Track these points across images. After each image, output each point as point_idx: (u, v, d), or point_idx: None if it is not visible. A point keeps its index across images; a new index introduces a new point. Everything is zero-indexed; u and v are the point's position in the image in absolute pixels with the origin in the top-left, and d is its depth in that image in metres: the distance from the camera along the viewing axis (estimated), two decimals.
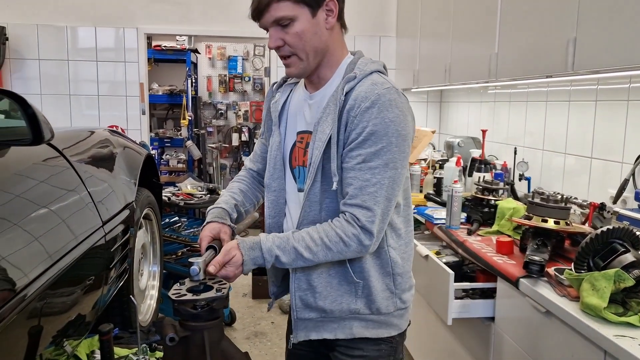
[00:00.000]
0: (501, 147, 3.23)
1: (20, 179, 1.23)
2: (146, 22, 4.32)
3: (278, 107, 1.37)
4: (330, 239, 1.19)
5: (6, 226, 1.06)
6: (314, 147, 1.23)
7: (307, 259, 1.20)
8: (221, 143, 6.48)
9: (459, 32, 3.07)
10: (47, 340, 1.26)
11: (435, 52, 3.49)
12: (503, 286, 1.86)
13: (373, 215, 1.17)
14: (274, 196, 1.37)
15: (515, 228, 2.19)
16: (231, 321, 3.64)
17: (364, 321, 1.31)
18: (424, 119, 4.60)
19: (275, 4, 1.17)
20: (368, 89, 1.18)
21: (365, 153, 1.17)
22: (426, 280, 2.23)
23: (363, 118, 1.16)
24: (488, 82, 2.78)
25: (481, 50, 2.68)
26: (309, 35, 1.20)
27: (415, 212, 2.80)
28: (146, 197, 2.28)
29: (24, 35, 4.18)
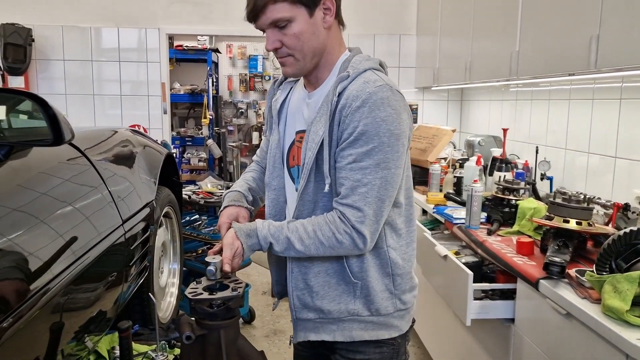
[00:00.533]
0: (523, 146, 3.19)
1: (44, 178, 1.26)
2: (168, 22, 4.37)
3: (277, 105, 1.37)
4: (324, 234, 1.19)
5: (30, 224, 1.09)
6: (307, 147, 1.22)
7: (299, 251, 1.20)
8: (241, 142, 6.52)
9: (479, 29, 3.03)
10: (69, 336, 1.28)
11: (455, 50, 3.46)
12: (523, 287, 1.83)
13: (363, 216, 1.16)
14: (274, 195, 1.37)
15: (536, 228, 2.16)
16: (250, 319, 3.67)
17: (363, 323, 1.29)
18: (444, 117, 4.56)
19: (271, 6, 1.14)
20: (359, 87, 1.16)
21: (356, 153, 1.15)
22: (445, 281, 2.21)
23: (354, 117, 1.15)
24: (509, 81, 2.74)
25: (502, 47, 2.64)
26: (307, 36, 1.18)
27: (434, 211, 2.78)
28: (166, 196, 2.31)
29: (49, 37, 4.27)
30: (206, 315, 1.12)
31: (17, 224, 1.06)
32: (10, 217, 1.05)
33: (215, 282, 1.17)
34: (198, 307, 1.12)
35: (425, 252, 2.44)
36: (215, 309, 1.12)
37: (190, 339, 1.10)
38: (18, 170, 1.16)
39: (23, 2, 4.21)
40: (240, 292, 1.12)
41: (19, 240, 1.04)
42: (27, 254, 1.05)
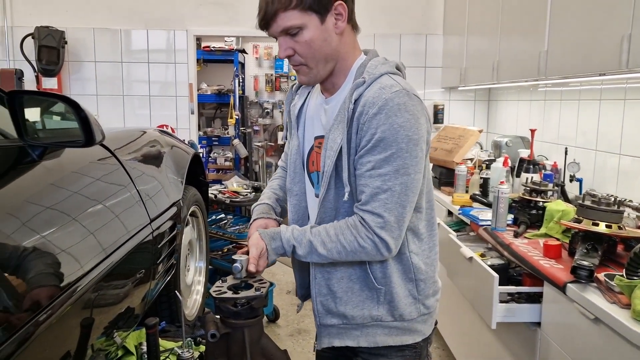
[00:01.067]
0: (551, 147, 3.14)
1: (75, 178, 1.30)
2: (195, 24, 4.43)
3: (296, 111, 1.36)
4: (346, 238, 1.18)
5: (62, 222, 1.12)
6: (325, 155, 1.22)
7: (322, 254, 1.20)
8: (267, 141, 6.57)
9: (507, 28, 3.00)
10: (98, 331, 1.32)
11: (482, 49, 3.42)
12: (550, 291, 1.81)
13: (384, 222, 1.16)
14: (296, 200, 1.37)
15: (564, 231, 2.12)
16: (275, 318, 3.69)
17: (386, 328, 1.29)
18: (470, 117, 4.52)
19: (282, 14, 1.14)
20: (376, 93, 1.15)
21: (375, 160, 1.14)
22: (470, 283, 2.19)
23: (371, 124, 1.14)
24: (537, 80, 2.70)
25: (530, 47, 2.61)
26: (319, 43, 1.17)
27: (460, 212, 2.76)
28: (193, 195, 2.34)
29: (81, 39, 4.38)
30: (230, 314, 1.14)
31: (50, 222, 1.10)
32: (43, 215, 1.09)
33: (240, 281, 1.19)
34: (222, 306, 1.14)
35: (451, 253, 2.43)
36: (239, 308, 1.13)
37: (215, 337, 1.12)
38: (51, 170, 1.20)
39: (57, 5, 4.33)
40: (264, 292, 1.14)
41: (52, 238, 1.08)
42: (59, 251, 1.08)
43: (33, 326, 0.93)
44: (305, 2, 1.12)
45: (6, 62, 4.33)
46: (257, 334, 1.17)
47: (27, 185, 1.10)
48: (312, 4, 1.12)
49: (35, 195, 1.10)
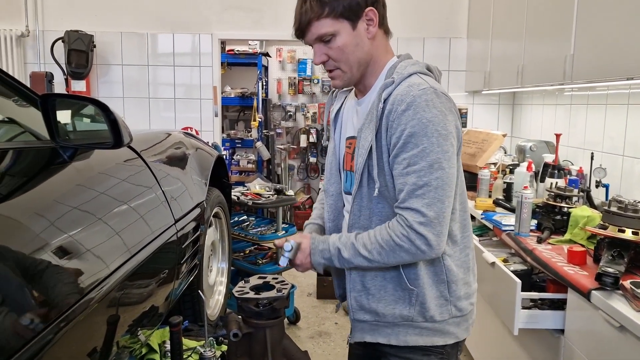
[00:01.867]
0: (577, 152, 3.09)
1: (103, 178, 1.33)
2: (220, 28, 4.49)
3: (333, 114, 1.42)
4: (383, 238, 1.20)
5: (90, 221, 1.16)
6: (358, 153, 1.25)
7: (364, 257, 1.22)
8: (289, 144, 6.60)
9: (532, 32, 2.96)
10: (123, 329, 1.35)
11: (507, 53, 3.39)
12: (574, 298, 1.78)
13: (422, 217, 1.16)
14: (332, 200, 1.42)
15: (590, 237, 2.09)
16: (296, 320, 3.71)
17: (417, 328, 1.30)
18: (494, 121, 4.47)
19: (315, 22, 1.19)
20: (404, 91, 1.18)
21: (409, 156, 1.17)
22: (492, 288, 2.17)
23: (401, 121, 1.17)
24: (563, 85, 2.67)
25: (556, 50, 2.58)
26: (351, 48, 1.21)
27: (482, 217, 2.73)
28: (216, 197, 2.37)
29: (109, 42, 4.47)
30: (252, 314, 1.15)
31: (79, 222, 1.13)
32: (73, 214, 1.12)
33: (263, 282, 1.21)
34: (245, 306, 1.16)
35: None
36: (261, 308, 1.15)
37: (237, 337, 1.14)
38: (81, 170, 1.24)
39: (86, 10, 4.43)
40: (285, 293, 1.15)
41: (80, 237, 1.11)
42: (87, 250, 1.12)
43: (62, 323, 0.96)
44: (336, 10, 1.17)
45: (37, 65, 4.45)
46: (279, 335, 1.18)
47: (58, 186, 1.13)
48: (343, 12, 1.17)
49: (65, 195, 1.14)
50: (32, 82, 4.17)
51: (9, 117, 1.22)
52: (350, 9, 1.18)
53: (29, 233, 0.97)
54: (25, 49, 4.46)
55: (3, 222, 0.93)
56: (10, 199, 1.01)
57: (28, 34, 4.40)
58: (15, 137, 1.22)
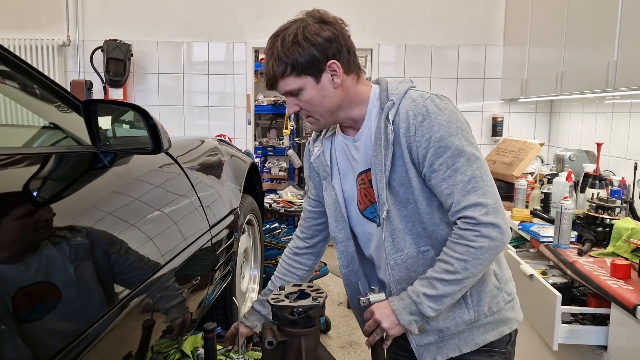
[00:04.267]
0: (619, 162, 2.99)
1: (142, 184, 1.35)
2: (254, 36, 4.54)
3: (327, 161, 1.40)
4: (459, 251, 1.18)
5: (127, 226, 1.17)
6: (376, 179, 1.25)
7: (454, 280, 1.18)
8: None
9: (573, 38, 2.89)
10: (157, 334, 1.35)
11: (545, 60, 3.32)
12: (618, 313, 1.71)
13: (484, 207, 1.16)
14: (342, 247, 1.41)
15: (634, 250, 2.01)
16: (326, 329, 3.68)
17: (482, 327, 1.30)
18: (531, 130, 4.38)
19: (281, 80, 1.23)
20: (411, 106, 1.21)
21: (445, 160, 1.19)
22: (531, 301, 2.11)
23: (424, 132, 1.19)
24: (605, 92, 2.59)
25: (598, 57, 2.50)
26: (319, 100, 1.24)
27: (519, 228, 2.66)
28: (250, 204, 2.38)
29: (146, 51, 4.57)
30: (287, 322, 1.14)
31: (116, 227, 1.14)
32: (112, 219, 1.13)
33: (298, 290, 1.19)
34: (280, 314, 1.14)
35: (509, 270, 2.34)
36: (296, 316, 1.14)
37: (272, 344, 1.13)
38: (120, 175, 1.25)
39: (124, 19, 4.55)
40: (321, 302, 1.14)
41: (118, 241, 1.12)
42: (124, 255, 1.13)
43: (98, 328, 0.97)
44: (297, 68, 1.20)
45: (77, 73, 4.58)
46: (314, 344, 1.17)
47: (99, 190, 1.15)
48: (304, 69, 1.21)
49: (105, 200, 1.15)
50: (72, 90, 4.30)
51: (52, 123, 1.25)
52: (311, 65, 1.21)
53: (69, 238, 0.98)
54: (66, 57, 4.60)
55: (43, 227, 0.94)
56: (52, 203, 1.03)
57: (69, 43, 4.54)
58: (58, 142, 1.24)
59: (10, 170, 0.99)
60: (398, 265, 1.29)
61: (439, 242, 1.26)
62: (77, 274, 0.94)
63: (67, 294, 0.91)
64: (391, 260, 1.28)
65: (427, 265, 1.26)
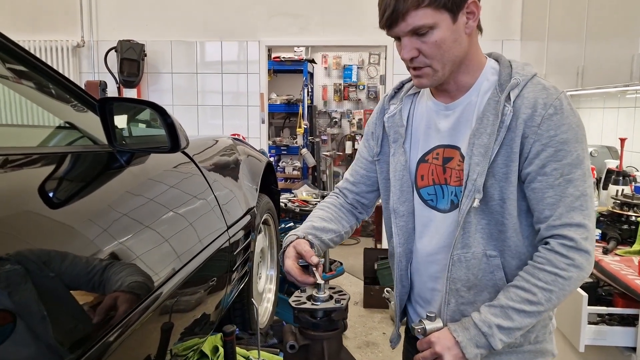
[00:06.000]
0: None
1: (158, 184, 1.32)
2: (267, 34, 4.51)
3: (403, 122, 1.23)
4: (545, 279, 1.04)
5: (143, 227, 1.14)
6: (471, 162, 1.09)
7: (532, 313, 1.05)
8: (335, 151, 6.57)
9: (594, 31, 2.82)
10: (175, 337, 1.33)
11: (565, 54, 3.25)
12: None
13: (586, 231, 1.04)
14: (402, 221, 1.23)
15: None
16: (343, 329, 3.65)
17: (520, 354, 1.18)
18: None
19: (413, 12, 1.03)
20: (543, 94, 1.06)
21: (561, 166, 1.05)
22: None
23: (549, 127, 1.04)
24: (628, 86, 2.52)
25: (620, 50, 2.43)
26: (449, 44, 1.06)
27: None
28: (266, 203, 2.35)
29: (159, 51, 4.57)
30: (309, 325, 1.11)
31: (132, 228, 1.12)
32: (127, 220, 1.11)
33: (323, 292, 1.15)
34: (302, 316, 1.11)
35: None
36: (318, 319, 1.10)
37: (294, 349, 1.10)
38: (137, 175, 1.23)
39: (138, 20, 4.54)
40: (344, 305, 1.10)
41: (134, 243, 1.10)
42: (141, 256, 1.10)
43: (116, 331, 0.94)
44: (439, 0, 1.03)
45: (92, 74, 4.59)
46: (337, 347, 1.13)
47: (115, 191, 1.13)
48: (446, 2, 1.03)
49: (121, 200, 1.13)
50: (87, 90, 4.30)
51: (68, 122, 1.23)
52: None
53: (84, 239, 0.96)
54: (81, 58, 4.61)
55: (59, 228, 0.92)
56: (68, 203, 1.00)
57: (83, 44, 4.55)
58: (74, 142, 1.22)
59: (25, 171, 0.97)
60: (460, 263, 1.13)
61: (509, 252, 1.12)
62: (92, 277, 0.92)
63: (82, 298, 0.89)
64: (455, 255, 1.13)
65: (487, 272, 1.12)
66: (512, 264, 1.13)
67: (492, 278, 1.13)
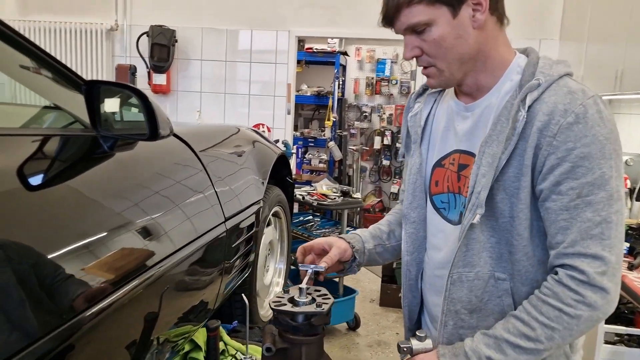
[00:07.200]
0: None
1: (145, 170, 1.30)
2: (298, 25, 4.46)
3: (421, 122, 1.15)
4: (548, 315, 0.92)
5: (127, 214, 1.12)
6: (479, 172, 0.98)
7: (529, 350, 0.93)
8: (362, 145, 6.48)
9: (635, 34, 2.66)
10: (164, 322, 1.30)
11: (604, 56, 3.08)
12: None
13: (604, 264, 0.90)
14: (412, 228, 1.16)
15: None
16: (355, 326, 3.59)
17: None
18: None
19: (406, 10, 0.96)
20: (564, 99, 0.92)
21: (579, 185, 0.91)
22: None
23: (568, 137, 0.90)
24: None
25: None
26: (451, 41, 0.97)
27: None
28: (276, 195, 2.31)
29: (190, 38, 4.58)
30: (288, 327, 1.06)
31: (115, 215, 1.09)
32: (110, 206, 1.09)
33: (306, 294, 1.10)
34: (281, 318, 1.06)
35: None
36: (297, 322, 1.05)
37: (270, 351, 1.04)
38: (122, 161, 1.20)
39: (170, 6, 4.56)
40: (325, 309, 1.04)
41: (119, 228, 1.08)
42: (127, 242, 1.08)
43: (100, 312, 0.93)
44: None
45: (124, 58, 4.64)
46: (317, 353, 1.08)
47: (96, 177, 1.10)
48: None
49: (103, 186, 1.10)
50: (117, 74, 4.36)
51: (54, 104, 1.22)
52: None
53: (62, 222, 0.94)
54: (114, 42, 4.66)
55: (43, 212, 0.91)
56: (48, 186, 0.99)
57: (117, 28, 4.60)
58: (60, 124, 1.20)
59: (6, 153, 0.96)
60: (461, 282, 1.03)
61: (519, 276, 1.00)
62: (73, 259, 0.90)
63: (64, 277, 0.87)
64: (455, 273, 1.03)
65: (494, 296, 1.01)
66: (522, 291, 1.00)
67: (499, 303, 1.01)
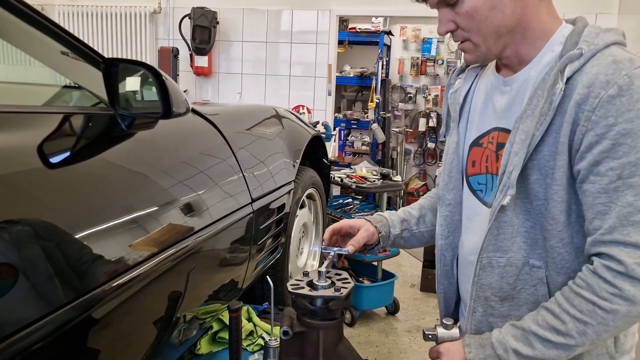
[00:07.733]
0: None
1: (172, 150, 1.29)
2: (339, 4, 4.38)
3: (459, 99, 1.08)
4: (581, 309, 0.85)
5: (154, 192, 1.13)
6: (511, 150, 0.91)
7: (559, 345, 0.86)
8: (406, 127, 6.35)
9: None
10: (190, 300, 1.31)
11: None
12: None
13: None
14: (447, 211, 1.09)
15: None
16: (394, 310, 3.55)
17: None
18: None
19: None
20: (607, 69, 0.83)
21: (620, 165, 0.82)
22: None
23: (608, 112, 0.82)
24: None
25: None
26: (484, 13, 0.90)
27: None
28: (310, 177, 2.28)
29: (231, 19, 4.58)
30: (306, 311, 1.03)
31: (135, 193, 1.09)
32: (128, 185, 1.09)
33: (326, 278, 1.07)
34: (299, 302, 1.03)
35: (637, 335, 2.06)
36: (315, 306, 1.02)
37: (288, 335, 1.02)
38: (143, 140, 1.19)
39: None
40: (344, 294, 1.01)
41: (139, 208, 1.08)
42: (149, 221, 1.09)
43: (118, 290, 0.95)
44: None
45: (167, 40, 4.70)
46: (335, 338, 1.05)
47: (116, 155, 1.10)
48: None
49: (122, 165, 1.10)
50: (160, 56, 4.42)
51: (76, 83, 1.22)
52: None
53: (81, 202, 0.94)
54: (157, 25, 4.73)
55: (66, 189, 0.92)
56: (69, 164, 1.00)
57: (160, 10, 4.66)
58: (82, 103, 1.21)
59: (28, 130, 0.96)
60: (491, 268, 0.96)
61: (554, 265, 0.92)
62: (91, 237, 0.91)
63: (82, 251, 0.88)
64: (484, 257, 0.97)
65: (528, 285, 0.94)
66: (558, 281, 0.93)
67: (533, 292, 0.95)
